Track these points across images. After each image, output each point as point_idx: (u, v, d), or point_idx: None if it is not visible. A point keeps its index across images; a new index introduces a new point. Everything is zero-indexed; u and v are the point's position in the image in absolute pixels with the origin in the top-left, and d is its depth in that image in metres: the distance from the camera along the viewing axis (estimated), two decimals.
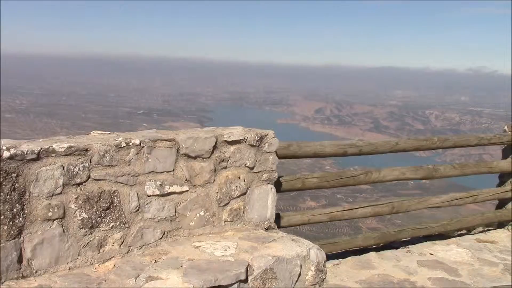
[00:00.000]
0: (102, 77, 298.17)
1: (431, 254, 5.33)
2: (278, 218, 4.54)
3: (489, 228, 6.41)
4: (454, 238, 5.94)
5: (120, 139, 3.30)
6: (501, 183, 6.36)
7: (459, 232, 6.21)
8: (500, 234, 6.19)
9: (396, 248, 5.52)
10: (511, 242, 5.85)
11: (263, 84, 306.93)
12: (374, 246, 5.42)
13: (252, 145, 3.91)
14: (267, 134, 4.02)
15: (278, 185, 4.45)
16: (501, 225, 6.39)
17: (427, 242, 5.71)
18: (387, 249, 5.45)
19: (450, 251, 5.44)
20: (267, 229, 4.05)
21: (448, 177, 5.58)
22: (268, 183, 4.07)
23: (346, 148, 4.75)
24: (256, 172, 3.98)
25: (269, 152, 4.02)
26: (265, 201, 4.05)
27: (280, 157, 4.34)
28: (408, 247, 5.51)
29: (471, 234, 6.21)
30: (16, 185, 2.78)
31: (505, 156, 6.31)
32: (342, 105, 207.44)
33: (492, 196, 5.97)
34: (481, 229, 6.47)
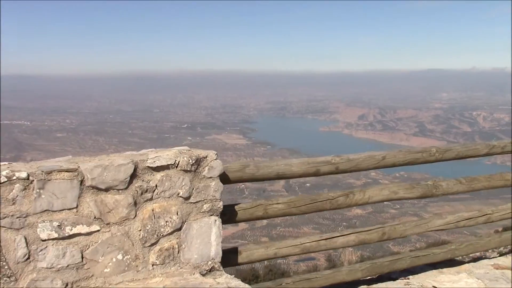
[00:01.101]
0: (147, 94, 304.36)
1: (434, 287, 4.50)
2: (235, 253, 3.83)
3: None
4: (466, 265, 5.04)
5: (2, 172, 2.69)
6: None
7: (474, 256, 5.33)
8: None
9: (394, 279, 4.69)
10: None
11: (305, 93, 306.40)
12: (366, 278, 4.63)
13: (186, 171, 3.23)
14: (206, 156, 3.33)
15: (233, 215, 3.76)
16: None
17: (433, 270, 4.85)
18: (382, 281, 4.64)
19: (458, 281, 4.56)
20: (210, 271, 3.35)
21: (453, 194, 4.73)
22: (211, 215, 3.38)
23: (318, 166, 4.00)
24: (194, 203, 3.31)
25: (210, 177, 3.34)
26: (207, 236, 3.36)
27: (234, 181, 3.66)
28: (409, 278, 4.68)
29: (488, 259, 5.30)
30: None
31: None
32: (385, 110, 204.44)
33: (510, 213, 5.07)
34: (502, 249, 5.57)
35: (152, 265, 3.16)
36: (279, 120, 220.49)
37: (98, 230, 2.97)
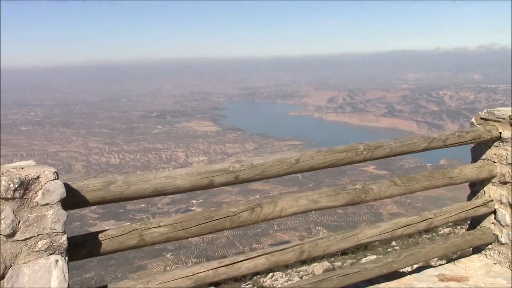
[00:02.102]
0: (112, 83, 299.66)
1: None
2: None
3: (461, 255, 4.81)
4: (408, 277, 4.30)
5: None
6: (473, 194, 4.77)
7: (417, 266, 4.61)
8: (474, 264, 4.58)
9: None
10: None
11: (273, 77, 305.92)
12: None
13: (6, 198, 2.39)
14: (37, 177, 2.46)
15: (96, 246, 2.91)
16: (477, 249, 4.78)
17: (369, 286, 4.14)
18: None
19: None
20: None
21: (387, 197, 3.99)
22: (50, 254, 2.53)
23: (212, 176, 3.18)
24: (23, 240, 2.46)
25: (46, 204, 2.48)
26: (45, 283, 2.52)
27: (94, 203, 2.82)
28: None
29: (433, 267, 4.59)
30: None
31: (475, 158, 4.73)
32: (354, 92, 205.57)
33: (456, 216, 4.36)
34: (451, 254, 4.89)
35: None
36: (249, 106, 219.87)
37: None
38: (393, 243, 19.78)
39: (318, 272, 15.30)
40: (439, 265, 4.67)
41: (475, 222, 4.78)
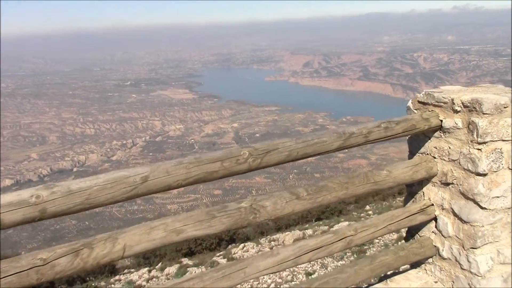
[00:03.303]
0: (84, 52, 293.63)
1: None
2: None
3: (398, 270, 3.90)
4: None
5: None
6: (410, 196, 3.83)
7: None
8: (410, 283, 3.67)
9: None
10: None
11: (248, 43, 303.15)
12: None
13: None
14: None
15: None
16: (416, 262, 3.86)
17: None
18: None
19: None
20: None
21: (286, 215, 3.02)
22: None
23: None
24: None
25: None
26: None
27: None
28: None
29: None
30: None
31: (412, 151, 3.77)
32: (329, 56, 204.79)
33: (385, 229, 3.40)
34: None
35: None
36: (224, 72, 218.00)
37: None
38: (367, 207, 19.13)
39: (289, 241, 14.67)
40: (367, 286, 3.74)
41: (412, 229, 3.85)
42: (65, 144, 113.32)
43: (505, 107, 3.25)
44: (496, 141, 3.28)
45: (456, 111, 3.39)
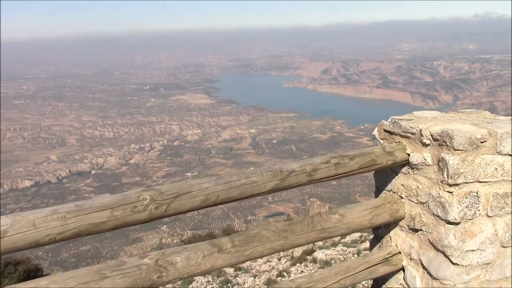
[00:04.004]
0: (105, 56, 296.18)
1: None
2: None
3: None
4: None
5: None
6: (376, 240, 3.25)
7: None
8: None
9: None
10: None
11: (267, 49, 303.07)
12: None
13: None
14: None
15: None
16: None
17: None
18: None
19: None
20: None
21: (204, 274, 2.46)
22: None
23: None
24: None
25: None
26: None
27: None
28: None
29: None
30: None
31: (379, 187, 3.19)
32: (348, 63, 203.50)
33: (337, 284, 2.81)
34: None
35: None
36: (242, 78, 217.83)
37: None
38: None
39: None
40: None
41: (379, 279, 3.26)
42: (84, 147, 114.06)
43: (482, 142, 2.66)
44: (470, 182, 2.67)
45: (425, 144, 2.81)
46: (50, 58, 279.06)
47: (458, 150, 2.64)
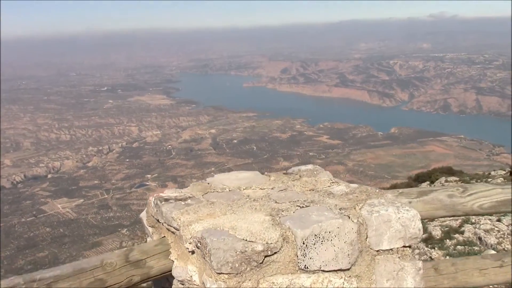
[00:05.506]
0: (60, 56, 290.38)
1: None
2: None
3: None
4: None
5: None
6: None
7: None
8: None
9: None
10: None
11: (226, 49, 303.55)
12: None
13: None
14: None
15: None
16: None
17: None
18: None
19: None
20: None
21: None
22: None
23: None
24: None
25: None
26: None
27: None
28: None
29: None
30: None
31: None
32: (307, 63, 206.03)
33: None
34: None
35: None
36: (202, 78, 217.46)
37: None
38: None
39: None
40: None
41: None
42: (39, 150, 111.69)
43: (267, 256, 1.79)
44: None
45: (191, 251, 1.93)
46: (5, 59, 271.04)
47: (222, 274, 1.74)
